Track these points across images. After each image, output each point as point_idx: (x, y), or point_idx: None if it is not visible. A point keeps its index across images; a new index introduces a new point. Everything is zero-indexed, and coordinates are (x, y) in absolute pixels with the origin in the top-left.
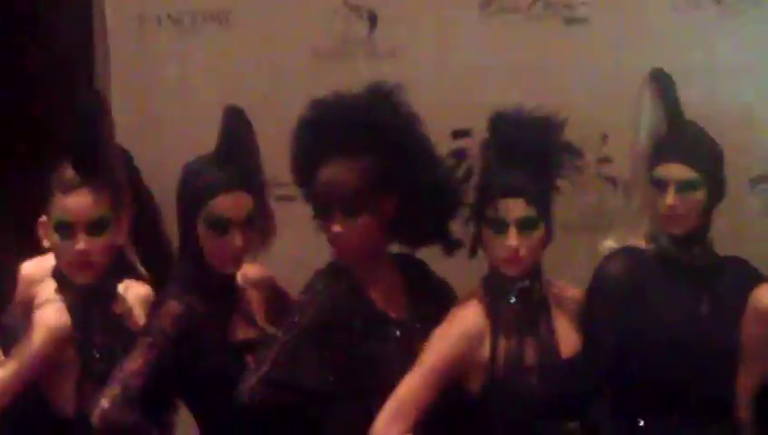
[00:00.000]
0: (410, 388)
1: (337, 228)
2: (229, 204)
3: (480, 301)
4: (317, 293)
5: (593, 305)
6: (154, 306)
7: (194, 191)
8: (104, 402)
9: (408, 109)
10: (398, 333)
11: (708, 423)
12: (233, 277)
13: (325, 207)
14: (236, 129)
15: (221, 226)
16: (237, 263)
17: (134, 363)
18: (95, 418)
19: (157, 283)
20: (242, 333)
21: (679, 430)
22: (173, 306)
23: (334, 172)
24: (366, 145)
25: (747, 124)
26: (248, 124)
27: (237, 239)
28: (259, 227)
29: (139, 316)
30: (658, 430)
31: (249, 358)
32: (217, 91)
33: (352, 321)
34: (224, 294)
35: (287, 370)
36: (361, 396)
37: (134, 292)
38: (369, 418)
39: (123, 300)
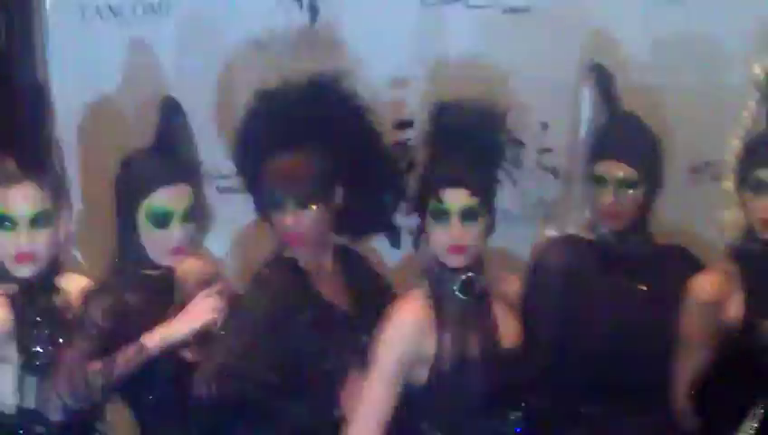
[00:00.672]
0: (371, 397)
1: (289, 219)
2: (169, 197)
3: (423, 293)
4: (266, 284)
5: (532, 295)
6: (86, 299)
7: (133, 184)
8: (63, 396)
9: (356, 98)
10: (344, 323)
11: (647, 411)
12: (172, 271)
13: (276, 197)
14: (173, 120)
15: (161, 219)
16: (176, 255)
17: (75, 353)
18: (56, 414)
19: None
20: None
21: (619, 417)
22: (103, 300)
23: (285, 162)
24: (315, 135)
25: (689, 114)
26: (184, 115)
27: (176, 232)
28: (199, 219)
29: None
30: (599, 417)
31: (185, 353)
32: (157, 83)
33: (302, 311)
34: (162, 286)
35: (240, 362)
36: (309, 387)
37: (75, 284)
38: (318, 409)
39: (64, 293)
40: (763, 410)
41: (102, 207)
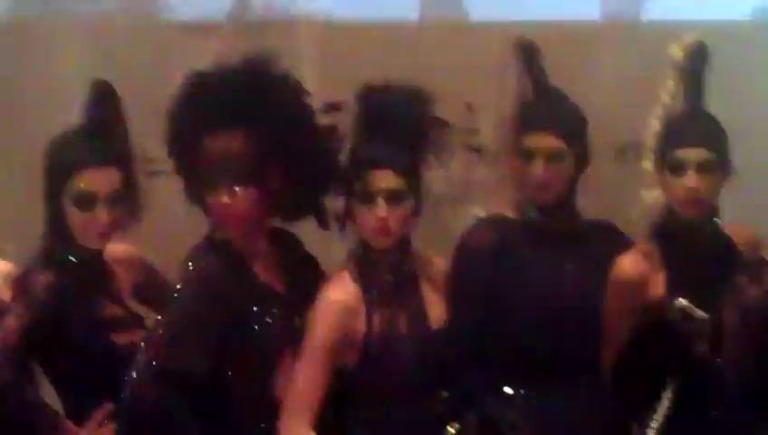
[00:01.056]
0: (304, 380)
1: (225, 199)
2: (95, 179)
3: (351, 275)
4: (199, 268)
5: (459, 274)
6: (21, 278)
7: (59, 165)
8: None
9: (291, 78)
10: (278, 307)
11: (576, 390)
12: (100, 254)
13: (213, 177)
14: (104, 102)
15: (86, 201)
16: (103, 239)
17: (10, 321)
18: None
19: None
20: (108, 311)
21: (548, 396)
22: (44, 276)
23: (222, 142)
24: (249, 116)
25: (613, 93)
26: (117, 98)
27: (103, 215)
28: (127, 203)
29: (2, 291)
30: (528, 396)
31: (115, 336)
32: (85, 66)
33: (237, 295)
34: (90, 270)
35: (174, 353)
36: (249, 372)
37: None
38: (258, 395)
39: None
40: (675, 388)
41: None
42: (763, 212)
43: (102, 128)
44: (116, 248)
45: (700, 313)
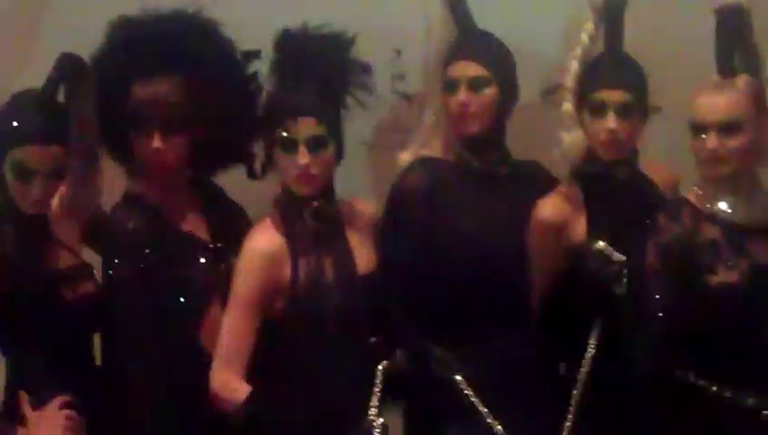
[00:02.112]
0: (232, 330)
1: (158, 144)
2: (34, 155)
3: (274, 222)
4: (120, 223)
5: (393, 215)
6: None
7: (3, 135)
8: None
9: (216, 27)
10: (203, 256)
11: (507, 331)
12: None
13: (144, 123)
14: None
15: (23, 174)
16: (39, 208)
17: None
18: None
19: None
20: (60, 262)
21: (479, 338)
22: None
23: (154, 88)
24: (181, 62)
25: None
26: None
27: (38, 188)
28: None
29: None
30: (466, 341)
31: (64, 291)
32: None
33: (159, 249)
34: (36, 225)
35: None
36: (176, 321)
37: None
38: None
39: None
40: (599, 329)
41: None
42: (680, 151)
43: (54, 103)
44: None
45: (617, 255)
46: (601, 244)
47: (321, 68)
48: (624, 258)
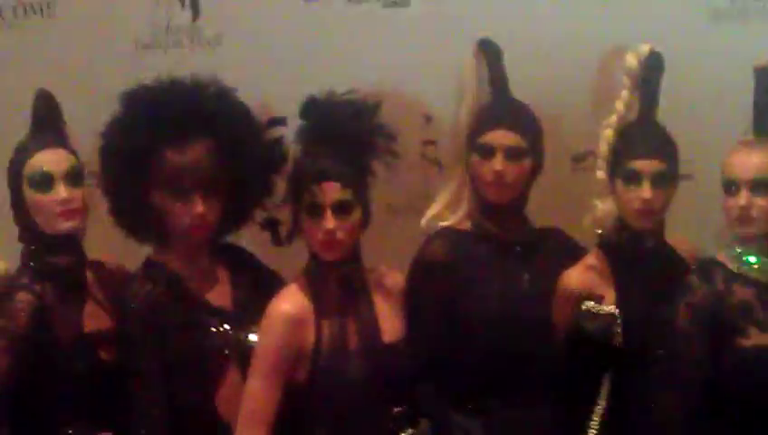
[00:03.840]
0: (255, 395)
1: (199, 208)
2: (48, 158)
3: (300, 286)
4: (138, 293)
5: (416, 287)
6: (1, 301)
7: (14, 159)
8: None
9: (234, 95)
10: (222, 324)
11: (533, 401)
12: (77, 257)
13: (180, 189)
14: (46, 107)
15: (43, 181)
16: (68, 218)
17: None
18: None
19: None
20: (93, 323)
21: (508, 411)
22: (24, 298)
23: (189, 153)
24: (205, 127)
25: (568, 102)
26: (58, 106)
27: (62, 192)
28: (83, 187)
29: None
30: (485, 408)
31: (102, 352)
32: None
33: (178, 319)
34: (73, 277)
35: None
36: (193, 391)
37: None
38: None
39: None
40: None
41: None
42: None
43: (50, 121)
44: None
45: (607, 309)
46: (589, 303)
47: (346, 134)
48: (614, 310)
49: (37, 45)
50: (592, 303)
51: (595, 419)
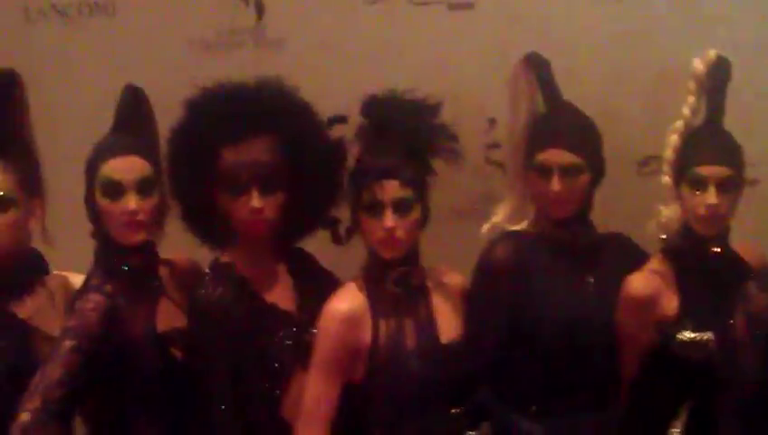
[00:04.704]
0: (313, 393)
1: (256, 202)
2: (120, 166)
3: (358, 286)
4: (206, 295)
5: (480, 289)
6: (74, 302)
7: (89, 161)
8: (24, 416)
9: (296, 93)
10: (287, 327)
11: (597, 407)
12: (150, 257)
13: (241, 186)
14: (134, 104)
15: (113, 189)
16: (135, 230)
17: (55, 372)
18: (14, 432)
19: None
20: (167, 322)
21: (571, 414)
22: (95, 299)
23: (246, 149)
24: (265, 124)
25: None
26: (146, 101)
27: (132, 202)
28: (157, 195)
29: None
30: (548, 413)
31: (175, 351)
32: (104, 84)
33: (244, 323)
34: (145, 277)
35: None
36: (259, 395)
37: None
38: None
39: (29, 302)
40: (688, 413)
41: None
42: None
43: (131, 125)
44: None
45: (707, 337)
46: (688, 334)
47: (406, 132)
48: (713, 337)
49: (100, 45)
50: (691, 333)
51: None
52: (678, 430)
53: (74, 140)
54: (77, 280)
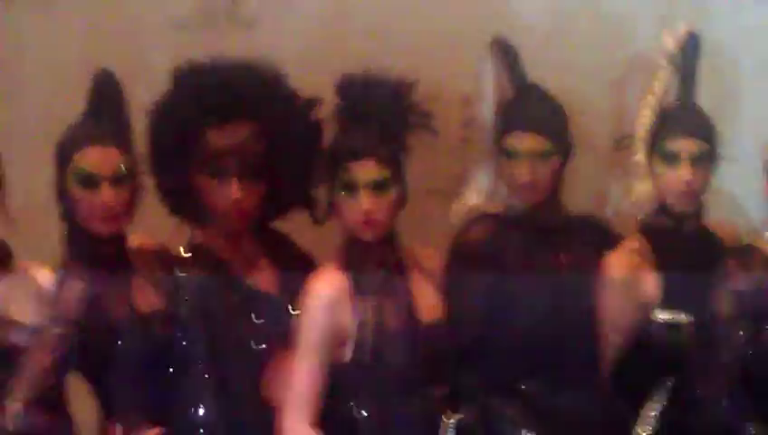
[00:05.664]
0: (300, 376)
1: (236, 193)
2: (95, 158)
3: (337, 267)
4: (180, 281)
5: (454, 269)
6: (55, 291)
7: (61, 147)
8: (16, 406)
9: (280, 75)
10: (267, 308)
11: (577, 386)
12: (121, 242)
13: (221, 170)
14: (106, 89)
15: (88, 180)
16: (109, 221)
17: (44, 360)
18: (9, 423)
19: None
20: (145, 305)
21: (548, 392)
22: (77, 286)
23: (230, 136)
24: (255, 109)
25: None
26: (118, 85)
27: (106, 195)
28: (132, 185)
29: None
30: (528, 392)
31: (157, 330)
32: (78, 63)
33: (223, 303)
34: (119, 263)
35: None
36: (238, 374)
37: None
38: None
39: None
40: (668, 391)
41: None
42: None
43: (105, 111)
44: (140, 240)
45: (683, 317)
46: (663, 314)
47: (381, 113)
48: (691, 319)
49: (75, 25)
50: (668, 314)
51: (651, 415)
52: (655, 414)
53: (46, 119)
54: (38, 270)
